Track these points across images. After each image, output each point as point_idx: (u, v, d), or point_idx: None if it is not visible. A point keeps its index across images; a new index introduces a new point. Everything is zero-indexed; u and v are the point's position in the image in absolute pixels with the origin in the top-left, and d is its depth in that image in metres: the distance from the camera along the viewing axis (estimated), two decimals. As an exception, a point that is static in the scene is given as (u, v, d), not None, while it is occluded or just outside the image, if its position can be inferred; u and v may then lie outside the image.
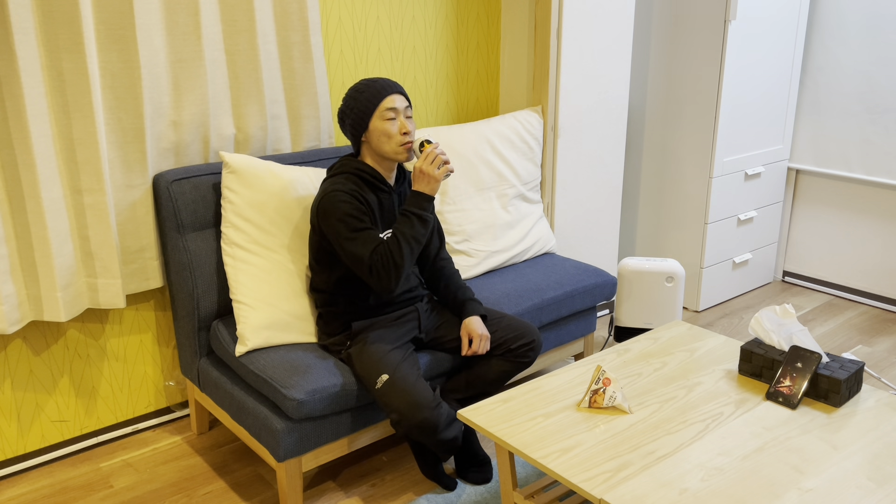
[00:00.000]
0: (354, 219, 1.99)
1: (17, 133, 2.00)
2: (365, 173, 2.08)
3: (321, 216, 2.02)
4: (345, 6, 2.66)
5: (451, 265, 2.32)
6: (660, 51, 3.37)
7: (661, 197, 3.53)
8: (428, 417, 1.94)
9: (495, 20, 3.11)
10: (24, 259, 2.11)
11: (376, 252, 1.97)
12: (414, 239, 1.99)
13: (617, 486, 1.56)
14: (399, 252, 1.96)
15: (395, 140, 2.05)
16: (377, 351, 2.03)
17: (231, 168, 2.20)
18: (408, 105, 2.09)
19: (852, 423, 1.78)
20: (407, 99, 2.09)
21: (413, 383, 1.97)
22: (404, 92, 2.10)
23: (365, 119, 2.05)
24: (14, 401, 2.28)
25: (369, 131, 2.06)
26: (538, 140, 2.90)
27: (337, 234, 1.99)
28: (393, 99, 2.04)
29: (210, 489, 2.26)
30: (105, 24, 2.11)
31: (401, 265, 1.97)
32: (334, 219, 1.99)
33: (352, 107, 2.07)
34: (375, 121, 2.04)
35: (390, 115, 2.04)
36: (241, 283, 2.17)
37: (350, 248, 1.98)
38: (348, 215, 1.98)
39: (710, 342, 2.21)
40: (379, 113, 2.04)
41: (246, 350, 2.12)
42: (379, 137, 2.05)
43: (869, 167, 3.44)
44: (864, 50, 3.34)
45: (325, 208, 2.00)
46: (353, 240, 1.98)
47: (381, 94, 2.04)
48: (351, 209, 1.99)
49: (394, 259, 1.96)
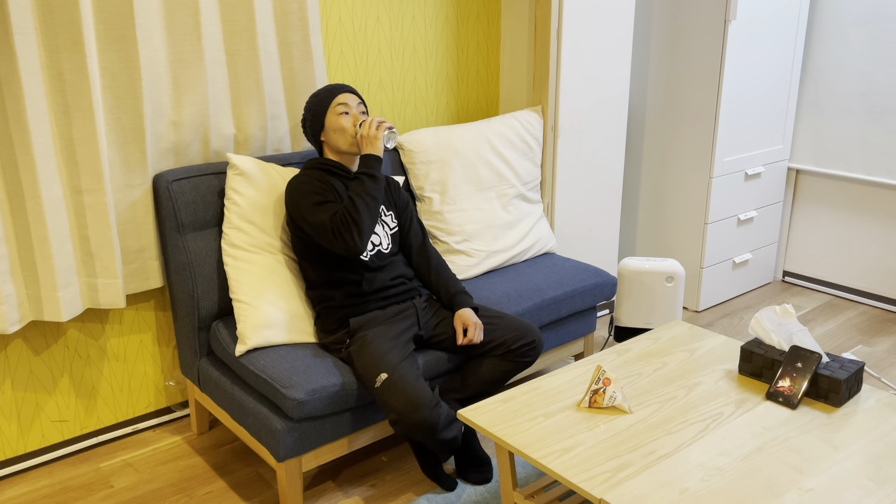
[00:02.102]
0: (315, 194, 2.09)
1: (17, 133, 2.00)
2: (327, 165, 2.20)
3: (287, 201, 2.14)
4: (345, 6, 2.66)
5: (437, 255, 2.36)
6: (660, 51, 3.37)
7: (661, 197, 3.53)
8: (427, 417, 1.94)
9: (495, 20, 3.11)
10: (24, 259, 2.11)
11: (336, 215, 2.05)
12: (367, 194, 2.07)
13: (617, 486, 1.56)
14: (354, 208, 2.04)
15: (349, 132, 2.16)
16: (376, 350, 2.03)
17: (238, 170, 2.21)
18: (360, 102, 2.21)
19: (852, 423, 1.78)
20: (360, 98, 2.22)
21: (412, 383, 1.97)
22: (358, 93, 2.23)
23: (320, 118, 2.19)
24: (14, 401, 2.28)
25: (325, 129, 2.19)
26: (538, 140, 2.90)
27: (301, 211, 2.09)
28: (345, 97, 2.19)
29: (210, 489, 2.26)
30: (105, 24, 2.11)
31: (359, 220, 2.04)
32: (298, 198, 2.10)
33: (308, 109, 2.21)
34: (329, 117, 2.18)
35: (342, 110, 2.17)
36: (242, 282, 2.17)
37: (312, 219, 2.07)
38: (310, 192, 2.10)
39: (710, 342, 2.21)
40: (332, 109, 2.17)
41: (246, 349, 2.12)
42: (335, 132, 2.17)
43: (869, 167, 3.44)
44: (864, 50, 3.34)
45: (289, 193, 2.13)
46: (315, 212, 2.07)
47: (332, 94, 2.19)
48: (311, 187, 2.11)
49: (351, 215, 2.03)
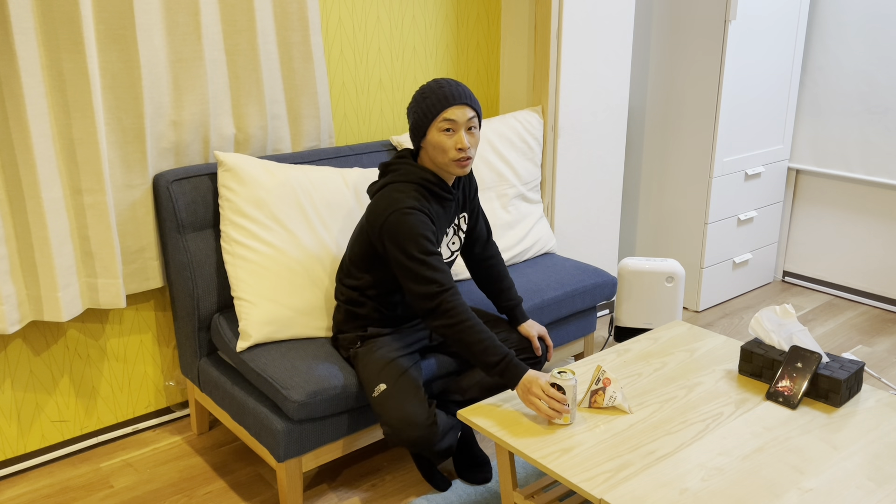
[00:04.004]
0: (427, 240, 1.90)
1: (17, 133, 2.00)
2: (429, 182, 1.99)
3: (389, 232, 1.91)
4: (345, 6, 2.66)
5: (500, 264, 2.28)
6: (660, 50, 3.37)
7: (661, 197, 3.53)
8: (420, 437, 1.91)
9: (495, 20, 3.11)
10: (24, 259, 2.11)
11: (446, 301, 1.88)
12: (470, 350, 1.89)
13: (617, 486, 1.56)
14: (467, 333, 1.88)
15: (449, 155, 1.95)
16: (381, 359, 2.01)
17: (226, 167, 2.20)
18: (472, 116, 1.96)
19: (852, 423, 1.78)
20: (474, 109, 1.97)
21: (409, 399, 1.93)
22: (471, 101, 1.97)
23: (423, 127, 1.96)
24: (14, 401, 2.28)
25: (426, 139, 1.97)
26: (538, 140, 2.90)
27: (407, 255, 1.89)
28: (454, 111, 1.93)
29: (210, 489, 2.26)
30: (105, 24, 2.11)
31: (455, 335, 1.89)
32: (406, 240, 1.89)
33: (414, 110, 1.98)
34: (433, 131, 1.95)
35: (446, 127, 1.93)
36: (242, 279, 2.17)
37: (416, 286, 1.89)
38: (420, 236, 1.89)
39: (710, 342, 2.21)
40: (436, 124, 1.94)
41: (247, 346, 2.12)
42: (434, 148, 1.96)
43: (869, 167, 3.44)
44: (864, 50, 3.34)
45: (393, 227, 1.90)
46: (424, 276, 1.89)
47: (441, 105, 1.93)
48: (422, 228, 1.90)
49: (457, 328, 1.88)
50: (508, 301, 2.26)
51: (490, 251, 2.29)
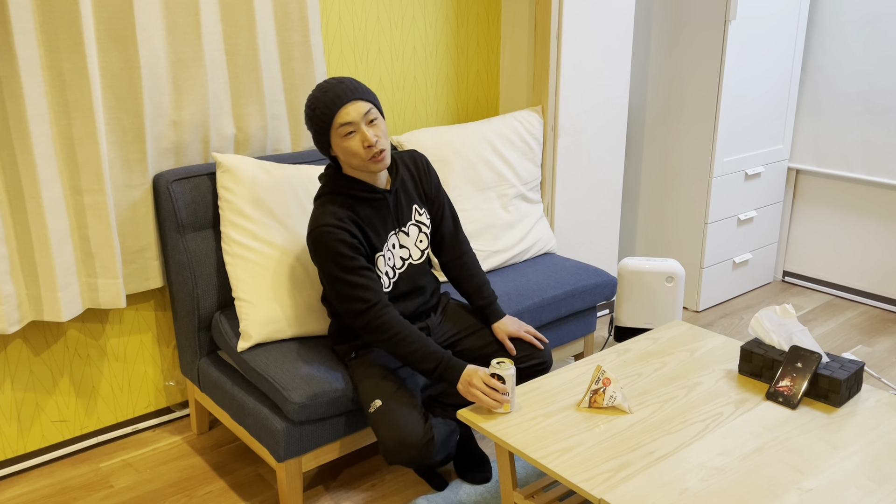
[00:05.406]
0: (346, 257, 1.86)
1: (17, 133, 2.00)
2: (352, 188, 1.93)
3: (312, 251, 1.91)
4: (345, 6, 2.66)
5: (471, 261, 2.20)
6: (660, 50, 3.37)
7: (661, 197, 3.53)
8: (416, 456, 1.88)
9: (495, 20, 3.11)
10: (24, 259, 2.11)
11: (373, 318, 1.87)
12: (407, 361, 1.91)
13: (617, 486, 1.56)
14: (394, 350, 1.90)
15: (360, 155, 1.86)
16: (376, 373, 2.00)
17: (224, 167, 2.20)
18: (369, 109, 1.86)
19: (852, 423, 1.78)
20: (368, 100, 1.87)
21: (405, 418, 1.89)
22: (361, 95, 1.87)
23: (324, 139, 1.89)
24: (14, 401, 2.28)
25: (333, 149, 1.91)
26: (538, 140, 2.90)
27: (332, 283, 1.89)
28: (346, 112, 1.84)
29: (210, 489, 2.26)
30: (105, 24, 2.11)
31: (386, 346, 1.90)
32: (326, 261, 1.87)
33: (309, 125, 1.91)
34: (335, 139, 1.87)
35: (347, 130, 1.85)
36: (242, 279, 2.17)
37: (343, 305, 1.89)
38: (338, 254, 1.86)
39: (710, 342, 2.21)
40: (335, 131, 1.86)
41: (248, 346, 2.12)
42: (345, 154, 1.88)
43: (869, 167, 3.44)
44: (864, 50, 3.34)
45: (315, 247, 1.89)
46: (348, 294, 1.88)
47: (331, 110, 1.84)
48: (340, 246, 1.86)
49: (393, 346, 1.89)
50: (481, 300, 2.18)
51: (459, 248, 2.19)
